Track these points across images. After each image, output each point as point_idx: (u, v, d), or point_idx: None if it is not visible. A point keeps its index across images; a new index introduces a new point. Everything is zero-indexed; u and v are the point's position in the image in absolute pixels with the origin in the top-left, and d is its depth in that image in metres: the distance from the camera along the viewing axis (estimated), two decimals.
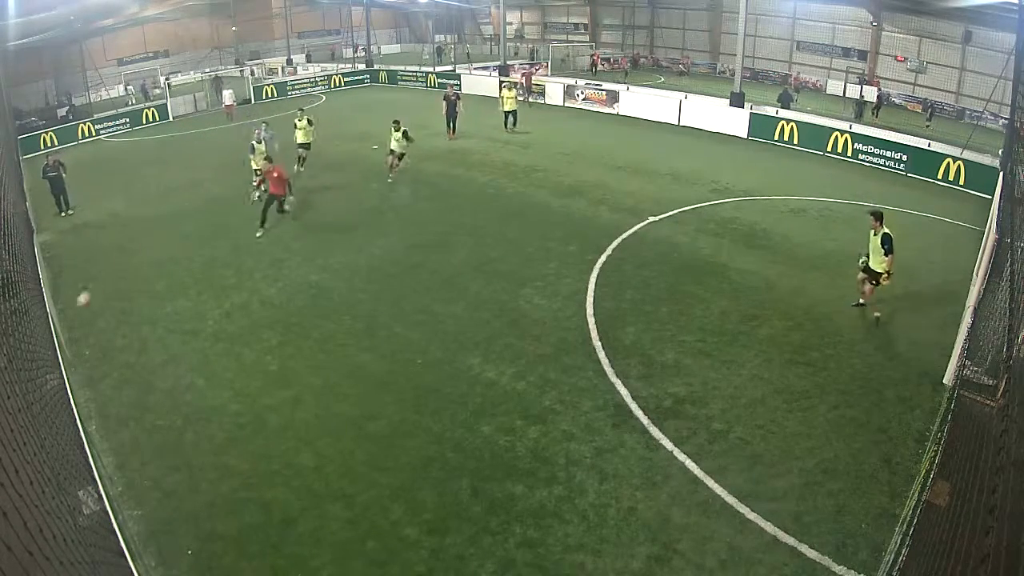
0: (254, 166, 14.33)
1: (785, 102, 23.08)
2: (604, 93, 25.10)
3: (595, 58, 40.26)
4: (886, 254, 8.23)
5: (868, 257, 8.56)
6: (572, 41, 46.69)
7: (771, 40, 37.97)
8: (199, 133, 23.31)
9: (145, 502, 5.80)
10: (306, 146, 16.30)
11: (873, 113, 25.99)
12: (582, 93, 25.65)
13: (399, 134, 15.02)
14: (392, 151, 15.15)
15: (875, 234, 8.35)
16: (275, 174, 12.18)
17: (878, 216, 8.38)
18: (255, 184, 14.13)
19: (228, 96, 26.13)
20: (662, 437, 6.49)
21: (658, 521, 5.46)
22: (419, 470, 6.12)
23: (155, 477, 6.12)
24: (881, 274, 8.45)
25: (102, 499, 4.89)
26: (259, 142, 14.47)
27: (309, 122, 16.37)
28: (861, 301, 8.97)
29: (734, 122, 20.43)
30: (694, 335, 8.39)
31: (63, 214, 13.98)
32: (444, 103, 20.27)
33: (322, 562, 5.15)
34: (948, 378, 7.17)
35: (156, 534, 5.44)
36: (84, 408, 6.94)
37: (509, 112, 20.88)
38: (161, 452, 6.48)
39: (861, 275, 8.78)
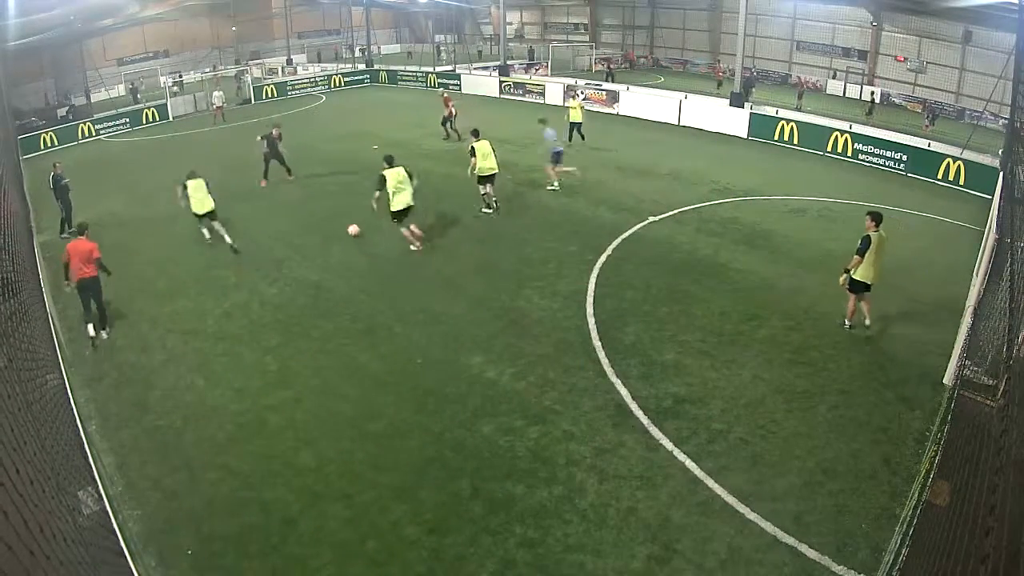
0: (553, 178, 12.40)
1: (746, 89, 23.31)
2: (604, 93, 25.12)
3: (609, 65, 38.19)
4: (856, 253, 7.83)
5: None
6: (572, 41, 46.69)
7: (771, 40, 38.01)
8: (199, 133, 23.32)
9: (145, 502, 5.80)
10: (489, 179, 12.91)
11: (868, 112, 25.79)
12: (582, 93, 25.65)
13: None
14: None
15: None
16: None
17: (876, 217, 7.88)
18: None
19: (217, 98, 25.40)
20: (662, 437, 6.49)
21: (658, 521, 5.46)
22: (419, 470, 6.12)
23: (155, 477, 6.13)
24: (863, 283, 7.96)
25: (102, 499, 4.90)
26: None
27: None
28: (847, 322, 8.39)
29: (734, 122, 20.44)
30: (694, 335, 8.39)
31: (63, 236, 12.41)
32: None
33: (322, 562, 5.15)
34: (948, 378, 7.16)
35: (156, 534, 5.44)
36: (84, 408, 6.94)
37: (574, 124, 18.07)
38: (161, 452, 6.48)
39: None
